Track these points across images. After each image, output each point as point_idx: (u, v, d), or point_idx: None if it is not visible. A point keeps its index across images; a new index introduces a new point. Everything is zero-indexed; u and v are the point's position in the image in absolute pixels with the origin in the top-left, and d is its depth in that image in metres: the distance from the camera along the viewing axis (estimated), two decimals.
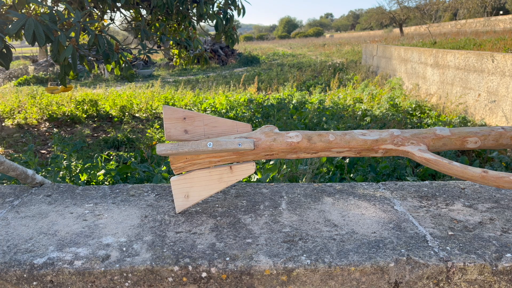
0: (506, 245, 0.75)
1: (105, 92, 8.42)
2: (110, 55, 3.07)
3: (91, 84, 12.04)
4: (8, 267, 0.71)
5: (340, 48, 20.97)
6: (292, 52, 22.25)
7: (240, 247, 0.75)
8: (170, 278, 0.71)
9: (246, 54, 19.18)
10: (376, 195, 1.00)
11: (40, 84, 12.13)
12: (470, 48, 7.55)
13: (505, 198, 0.97)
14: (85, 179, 2.69)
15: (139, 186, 1.09)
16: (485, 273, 0.70)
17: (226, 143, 0.85)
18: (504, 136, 0.93)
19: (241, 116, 5.74)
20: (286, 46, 29.12)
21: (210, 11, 4.19)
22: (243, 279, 0.70)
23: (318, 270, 0.70)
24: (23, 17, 2.43)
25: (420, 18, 25.21)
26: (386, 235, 0.79)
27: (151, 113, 6.75)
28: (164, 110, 0.88)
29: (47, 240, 0.79)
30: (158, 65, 17.27)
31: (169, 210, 0.92)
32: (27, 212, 0.92)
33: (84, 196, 1.02)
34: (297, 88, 9.34)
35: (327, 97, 7.20)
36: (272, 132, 0.89)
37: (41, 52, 15.96)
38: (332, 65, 13.39)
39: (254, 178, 2.42)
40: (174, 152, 0.85)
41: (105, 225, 0.85)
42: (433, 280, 0.71)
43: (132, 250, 0.75)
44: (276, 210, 0.91)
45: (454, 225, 0.84)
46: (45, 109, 6.67)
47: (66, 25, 2.90)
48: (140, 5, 4.08)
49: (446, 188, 1.04)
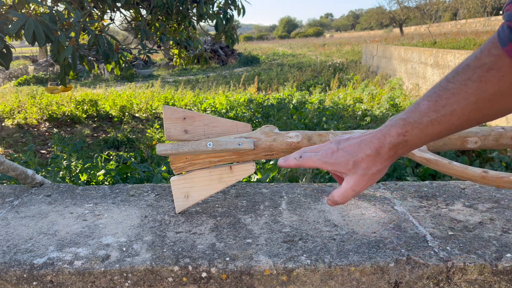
0: (506, 245, 0.75)
1: (105, 92, 8.42)
2: (110, 55, 3.07)
3: (91, 84, 12.04)
4: (8, 267, 0.71)
5: (340, 48, 20.97)
6: (292, 52, 22.26)
7: (240, 247, 0.75)
8: (170, 278, 0.71)
9: (246, 54, 19.18)
10: (376, 195, 1.00)
11: (40, 84, 12.13)
12: (470, 48, 7.55)
13: (505, 198, 0.97)
14: (85, 179, 2.69)
15: (139, 186, 1.09)
16: (485, 273, 0.70)
17: (226, 143, 0.85)
18: (504, 136, 0.93)
19: (241, 116, 5.74)
20: (286, 46, 29.12)
21: (210, 11, 4.19)
22: (243, 279, 0.70)
23: (318, 270, 0.70)
24: (23, 17, 2.43)
25: (420, 18, 25.22)
26: (386, 235, 0.79)
27: (151, 113, 6.75)
28: (164, 110, 0.88)
29: (47, 240, 0.79)
30: (158, 65, 17.27)
31: (169, 210, 0.92)
32: (27, 212, 0.92)
33: (84, 196, 1.02)
34: (297, 88, 9.34)
35: (327, 97, 7.20)
36: (272, 132, 0.89)
37: (41, 52, 15.96)
38: (332, 65, 13.39)
39: (254, 178, 2.42)
40: (174, 152, 0.85)
41: (105, 225, 0.85)
42: (433, 280, 0.71)
43: (132, 250, 0.75)
44: (276, 210, 0.91)
45: (454, 225, 0.84)
46: (45, 109, 6.67)
47: (66, 25, 2.90)
48: (140, 5, 4.08)
49: (446, 188, 1.04)
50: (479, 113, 0.53)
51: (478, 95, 0.52)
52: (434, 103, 0.55)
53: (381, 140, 0.60)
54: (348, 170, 0.64)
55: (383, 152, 0.61)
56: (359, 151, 0.62)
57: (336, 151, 0.65)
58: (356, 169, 0.63)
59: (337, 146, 0.65)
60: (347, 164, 0.63)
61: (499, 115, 0.54)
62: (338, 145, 0.65)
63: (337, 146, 0.65)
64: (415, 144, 0.59)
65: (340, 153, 0.64)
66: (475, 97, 0.52)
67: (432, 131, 0.56)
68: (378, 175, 0.63)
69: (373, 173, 0.63)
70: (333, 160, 0.64)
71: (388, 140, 0.60)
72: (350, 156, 0.63)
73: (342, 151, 0.64)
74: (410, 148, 0.60)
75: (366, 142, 0.62)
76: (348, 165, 0.63)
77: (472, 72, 0.51)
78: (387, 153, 0.61)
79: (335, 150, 0.65)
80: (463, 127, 0.56)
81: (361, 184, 0.64)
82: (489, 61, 0.50)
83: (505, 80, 0.50)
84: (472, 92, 0.52)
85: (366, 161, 0.62)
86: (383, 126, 0.62)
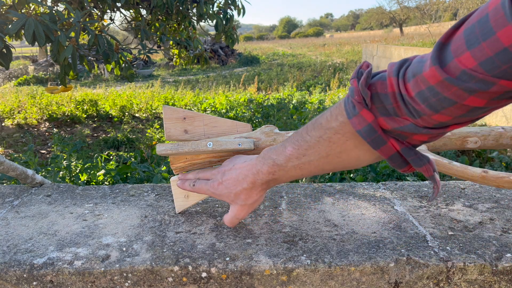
0: (506, 245, 0.75)
1: (105, 92, 8.41)
2: (110, 55, 3.07)
3: (91, 84, 12.04)
4: (8, 267, 0.71)
5: (340, 48, 20.97)
6: (292, 52, 22.26)
7: (240, 247, 0.75)
8: (170, 278, 0.71)
9: (246, 54, 19.18)
10: (376, 195, 1.00)
11: (40, 84, 12.13)
12: None
13: (505, 198, 0.97)
14: (85, 179, 2.69)
15: (139, 186, 1.09)
16: (485, 273, 0.70)
17: (226, 143, 0.85)
18: (504, 136, 0.93)
19: (241, 116, 5.74)
20: (286, 46, 29.12)
21: (210, 11, 4.18)
22: (243, 279, 0.70)
23: (318, 270, 0.70)
24: (23, 17, 2.43)
25: (420, 18, 25.22)
26: (386, 235, 0.79)
27: (151, 113, 6.75)
28: (164, 110, 0.88)
29: (47, 240, 0.79)
30: (158, 65, 17.27)
31: (169, 210, 0.92)
32: (27, 212, 0.92)
33: (84, 196, 1.02)
34: (297, 88, 9.34)
35: (327, 97, 7.20)
36: (272, 132, 0.89)
37: (41, 52, 15.95)
38: (332, 65, 13.39)
39: None
40: (174, 152, 0.85)
41: (105, 225, 0.85)
42: (433, 280, 0.71)
43: (132, 250, 0.75)
44: (276, 210, 0.91)
45: (454, 225, 0.84)
46: (45, 109, 6.67)
47: (66, 25, 2.90)
48: (140, 5, 4.08)
49: (446, 188, 1.04)
50: (330, 165, 0.63)
51: (328, 152, 0.61)
52: (296, 151, 0.64)
53: (255, 176, 0.70)
54: (231, 201, 0.75)
55: (257, 186, 0.71)
56: (238, 185, 0.72)
57: (221, 183, 0.74)
58: (237, 200, 0.74)
59: (221, 178, 0.75)
60: (229, 196, 0.74)
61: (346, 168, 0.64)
62: (222, 177, 0.75)
63: (221, 178, 0.75)
64: (282, 180, 0.70)
65: (223, 185, 0.74)
66: (326, 153, 0.62)
67: (294, 173, 0.67)
68: (256, 204, 0.74)
69: (252, 203, 0.74)
70: (218, 192, 0.75)
71: (260, 176, 0.70)
72: (231, 189, 0.73)
73: (225, 184, 0.74)
74: (279, 183, 0.71)
75: (243, 175, 0.71)
76: (230, 197, 0.74)
77: (324, 131, 0.61)
78: (260, 187, 0.71)
79: (220, 183, 0.75)
80: (319, 173, 0.67)
81: (242, 212, 0.75)
82: (335, 125, 0.59)
83: (348, 143, 0.59)
84: (323, 148, 0.61)
85: (244, 194, 0.72)
86: (259, 158, 0.70)
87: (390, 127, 0.54)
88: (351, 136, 0.58)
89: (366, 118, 0.55)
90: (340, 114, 0.58)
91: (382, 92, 0.54)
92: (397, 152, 0.57)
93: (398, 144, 0.56)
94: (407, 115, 0.53)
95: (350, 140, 0.59)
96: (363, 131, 0.55)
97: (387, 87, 0.53)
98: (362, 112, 0.55)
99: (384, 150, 0.57)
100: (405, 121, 0.53)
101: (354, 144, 0.59)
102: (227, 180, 0.74)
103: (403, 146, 0.56)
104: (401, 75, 0.52)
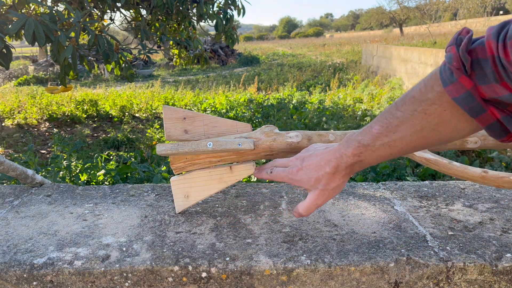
0: (506, 245, 0.75)
1: (105, 92, 8.41)
2: (110, 55, 3.07)
3: (91, 84, 12.04)
4: (8, 267, 0.71)
5: (340, 48, 20.97)
6: (292, 52, 22.26)
7: (240, 247, 0.75)
8: (170, 278, 0.71)
9: (246, 54, 19.18)
10: (376, 195, 1.00)
11: (40, 84, 12.13)
12: None
13: (505, 198, 0.97)
14: (85, 179, 2.69)
15: (139, 186, 1.09)
16: (485, 273, 0.70)
17: (226, 143, 0.85)
18: None
19: (241, 116, 5.74)
20: (286, 46, 29.12)
21: (210, 11, 4.18)
22: (243, 279, 0.70)
23: (318, 270, 0.70)
24: (23, 17, 2.43)
25: (420, 18, 25.23)
26: (386, 235, 0.79)
27: (151, 113, 6.75)
28: (164, 110, 0.88)
29: (47, 240, 0.79)
30: (158, 65, 17.27)
31: (169, 210, 0.92)
32: (27, 212, 0.92)
33: (84, 196, 1.02)
34: (297, 88, 9.34)
35: (327, 97, 7.20)
36: (272, 132, 0.89)
37: (41, 52, 15.95)
38: (332, 65, 13.39)
39: (254, 178, 2.42)
40: (174, 152, 0.85)
41: (105, 225, 0.85)
42: (433, 280, 0.71)
43: (132, 250, 0.75)
44: (276, 210, 0.91)
45: (454, 225, 0.84)
46: (45, 109, 6.67)
47: (66, 25, 2.90)
48: (140, 5, 4.08)
49: (446, 188, 1.04)
50: (423, 140, 0.60)
51: (423, 125, 0.58)
52: (385, 129, 0.61)
53: (339, 160, 0.67)
54: (310, 186, 0.71)
55: (340, 170, 0.68)
56: (319, 169, 0.69)
57: (301, 169, 0.72)
58: (317, 185, 0.70)
59: (301, 164, 0.72)
60: (309, 181, 0.71)
61: (441, 142, 0.61)
62: (302, 163, 0.72)
63: (301, 164, 0.72)
64: (368, 163, 0.66)
65: (304, 171, 0.71)
66: (421, 126, 0.59)
67: (383, 153, 0.63)
68: (337, 190, 0.71)
69: (333, 188, 0.70)
70: (298, 178, 0.72)
71: (344, 160, 0.67)
72: (312, 174, 0.70)
73: (305, 169, 0.71)
74: (364, 166, 0.67)
75: (326, 160, 0.69)
76: (310, 182, 0.71)
77: (418, 104, 0.58)
78: (344, 171, 0.68)
79: (300, 168, 0.72)
80: (409, 151, 0.63)
81: (322, 198, 0.71)
82: (432, 96, 0.56)
83: (445, 113, 0.56)
84: (417, 122, 0.58)
85: (325, 178, 0.69)
86: (342, 143, 0.68)
87: (489, 95, 0.52)
88: (449, 105, 0.55)
89: (465, 85, 0.52)
90: (436, 84, 0.56)
91: (483, 58, 0.52)
92: (497, 121, 0.54)
93: (499, 112, 0.53)
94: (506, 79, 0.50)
95: (447, 110, 0.56)
96: (461, 99, 0.53)
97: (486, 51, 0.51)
98: (460, 79, 0.52)
99: (483, 119, 0.54)
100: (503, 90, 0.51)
101: (452, 114, 0.56)
102: (307, 166, 0.71)
103: (504, 114, 0.53)
104: (501, 38, 0.49)
